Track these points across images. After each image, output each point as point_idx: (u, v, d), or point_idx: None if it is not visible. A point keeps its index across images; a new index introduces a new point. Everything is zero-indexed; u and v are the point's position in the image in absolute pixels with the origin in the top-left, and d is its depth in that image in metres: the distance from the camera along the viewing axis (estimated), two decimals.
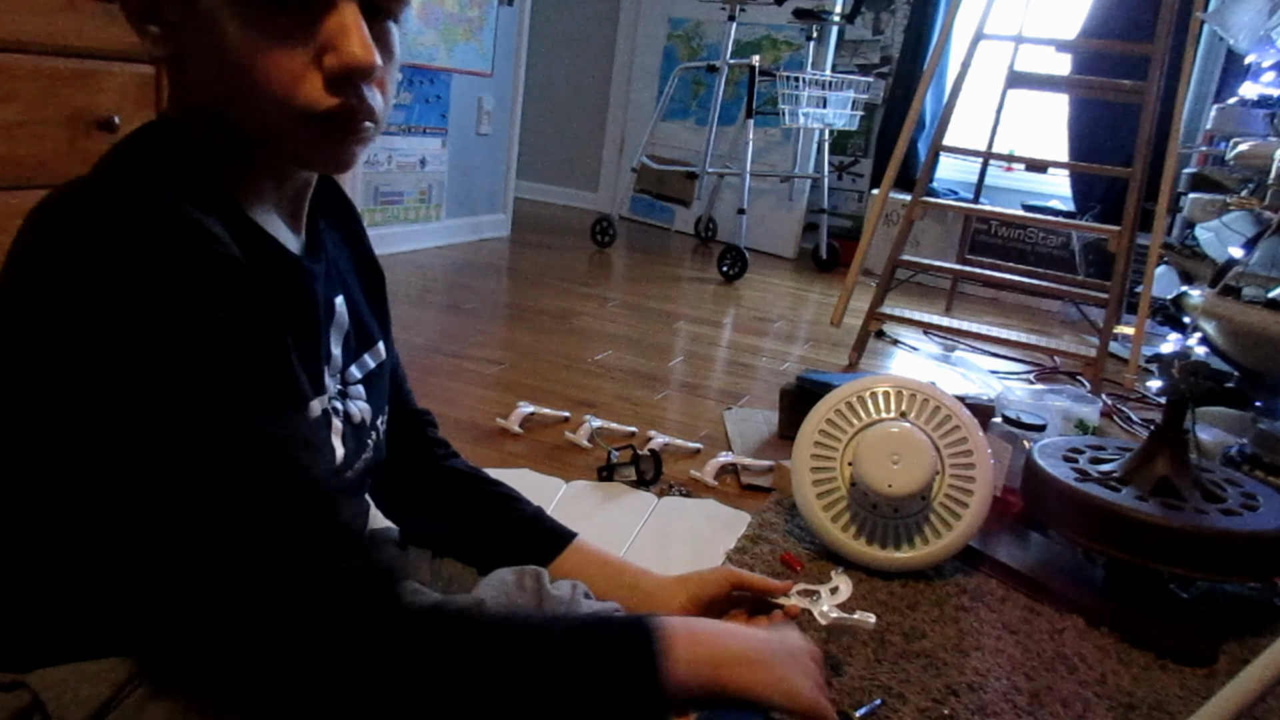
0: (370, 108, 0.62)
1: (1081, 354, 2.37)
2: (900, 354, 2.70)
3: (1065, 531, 1.33)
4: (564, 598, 0.69)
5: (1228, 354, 1.96)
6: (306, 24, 0.59)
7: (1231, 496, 1.29)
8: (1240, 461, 1.75)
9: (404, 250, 3.24)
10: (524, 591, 0.69)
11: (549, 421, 1.77)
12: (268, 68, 0.59)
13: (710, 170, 3.74)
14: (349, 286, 0.75)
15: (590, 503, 1.44)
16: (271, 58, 0.59)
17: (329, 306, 0.71)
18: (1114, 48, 2.69)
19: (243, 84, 0.60)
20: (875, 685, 1.04)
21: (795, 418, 1.50)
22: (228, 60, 0.59)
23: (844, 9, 3.93)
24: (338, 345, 0.71)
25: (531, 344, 2.32)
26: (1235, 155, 2.12)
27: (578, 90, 4.79)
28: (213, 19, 0.58)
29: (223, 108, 0.61)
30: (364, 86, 0.61)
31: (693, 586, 0.90)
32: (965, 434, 1.34)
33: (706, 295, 3.22)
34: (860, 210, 4.24)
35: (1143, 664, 1.15)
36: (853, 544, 1.31)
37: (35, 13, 1.47)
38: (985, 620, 1.22)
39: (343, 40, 0.59)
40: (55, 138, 1.54)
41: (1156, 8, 2.28)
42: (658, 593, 0.89)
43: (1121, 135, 3.05)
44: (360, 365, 0.74)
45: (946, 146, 2.51)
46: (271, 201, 0.66)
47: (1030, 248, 3.63)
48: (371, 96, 0.62)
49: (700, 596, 0.90)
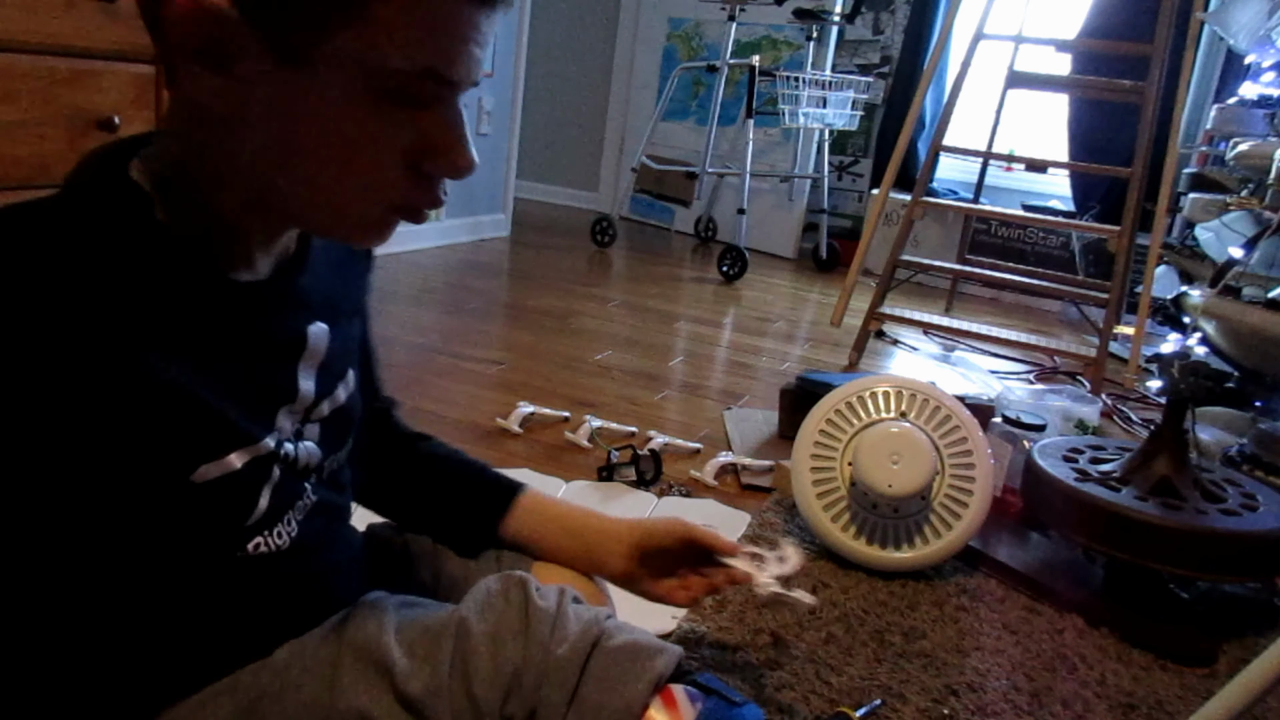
0: (444, 199, 0.59)
1: (1081, 354, 2.37)
2: (900, 354, 2.70)
3: (1065, 531, 1.33)
4: (550, 609, 0.68)
5: (1228, 354, 1.96)
6: (412, 115, 0.55)
7: (1231, 496, 1.29)
8: (1240, 461, 1.75)
9: (404, 250, 3.24)
10: (509, 604, 0.68)
11: (549, 421, 1.77)
12: (369, 158, 0.55)
13: (710, 170, 3.73)
14: (336, 302, 0.69)
15: (590, 503, 1.44)
16: (375, 148, 0.55)
17: (298, 338, 0.65)
18: (1114, 48, 2.69)
19: (334, 168, 0.55)
20: (875, 685, 1.05)
21: (795, 418, 1.50)
22: (326, 142, 0.54)
23: (844, 9, 3.93)
24: (309, 379, 0.66)
25: (531, 344, 2.32)
26: (1235, 155, 2.12)
27: (578, 90, 4.79)
28: (322, 97, 0.53)
29: (275, 179, 0.56)
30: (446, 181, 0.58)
31: (640, 534, 0.89)
32: (965, 434, 1.34)
33: (706, 295, 3.22)
34: (860, 210, 4.24)
35: (1143, 664, 1.15)
36: (853, 544, 1.31)
37: (35, 13, 1.47)
38: (985, 620, 1.22)
39: (454, 148, 0.56)
40: (55, 138, 1.54)
41: (1156, 8, 2.28)
42: (603, 540, 0.89)
43: (1121, 135, 3.05)
44: (331, 400, 0.69)
45: (946, 146, 2.51)
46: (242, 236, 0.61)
47: (1030, 248, 3.63)
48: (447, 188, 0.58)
49: (647, 545, 0.89)
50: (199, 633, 0.62)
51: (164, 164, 0.57)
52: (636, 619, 0.76)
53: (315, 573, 0.69)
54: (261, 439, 0.61)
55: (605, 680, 0.64)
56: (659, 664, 0.66)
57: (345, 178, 0.55)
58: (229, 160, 0.56)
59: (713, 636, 1.11)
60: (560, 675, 0.64)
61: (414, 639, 0.65)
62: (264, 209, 0.58)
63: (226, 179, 0.56)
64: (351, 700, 0.62)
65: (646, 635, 0.69)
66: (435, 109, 0.56)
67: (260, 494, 0.61)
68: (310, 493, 0.68)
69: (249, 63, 0.51)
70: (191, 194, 0.56)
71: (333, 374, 0.68)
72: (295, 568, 0.66)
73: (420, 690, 0.62)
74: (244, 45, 0.51)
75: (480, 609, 0.67)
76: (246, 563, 0.62)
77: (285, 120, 0.53)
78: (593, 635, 0.66)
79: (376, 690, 0.63)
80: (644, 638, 0.68)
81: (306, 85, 0.52)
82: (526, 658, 0.64)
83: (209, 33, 0.50)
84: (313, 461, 0.67)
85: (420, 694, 0.62)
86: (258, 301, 0.61)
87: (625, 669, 0.65)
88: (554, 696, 0.63)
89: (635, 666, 0.65)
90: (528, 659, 0.64)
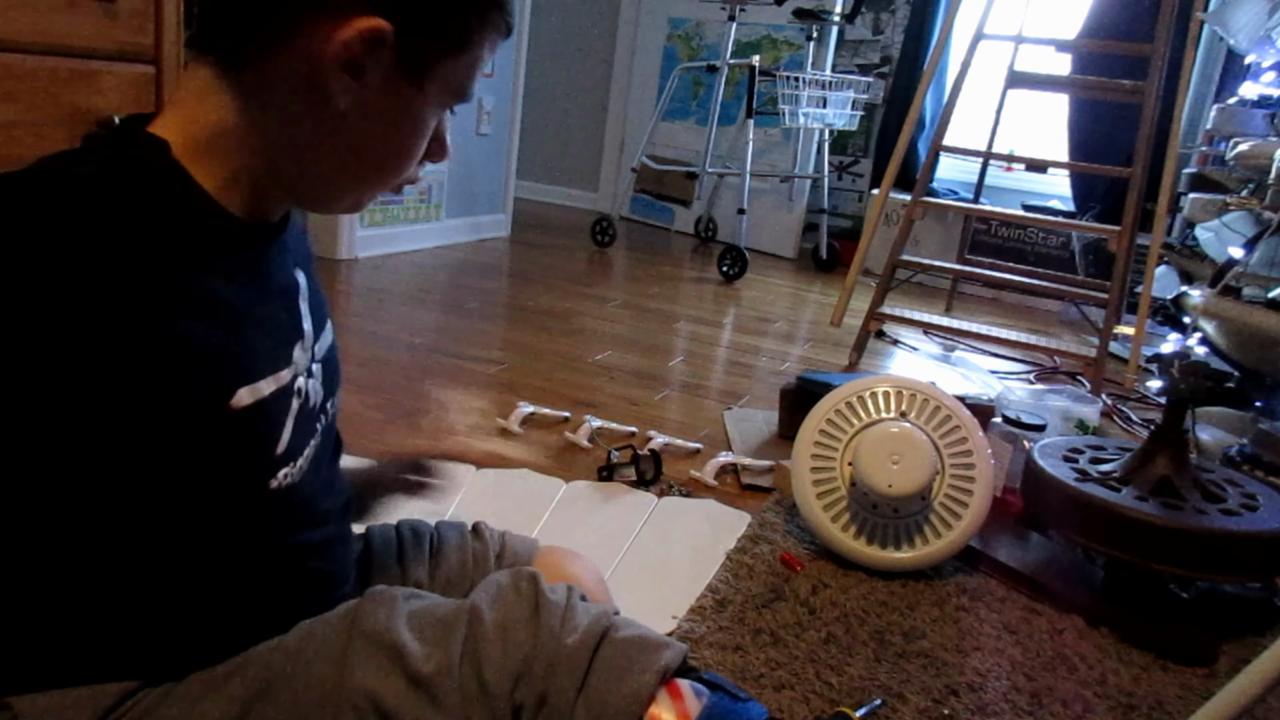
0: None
1: (1081, 354, 2.37)
2: (900, 354, 2.70)
3: (1065, 531, 1.33)
4: (560, 602, 0.69)
5: (1228, 354, 1.96)
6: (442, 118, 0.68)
7: (1231, 496, 1.29)
8: (1240, 461, 1.75)
9: (404, 250, 3.24)
10: (520, 596, 0.70)
11: (549, 421, 1.77)
12: (416, 152, 0.67)
13: (710, 170, 3.74)
14: (306, 259, 0.75)
15: (590, 503, 1.44)
16: (421, 145, 0.67)
17: (295, 281, 0.71)
18: (1114, 48, 2.69)
19: (389, 153, 0.66)
20: (875, 685, 1.05)
21: (795, 418, 1.50)
22: (400, 137, 0.65)
23: (844, 9, 3.93)
24: (308, 319, 0.71)
25: (531, 344, 2.32)
26: (1235, 155, 2.12)
27: (578, 90, 4.79)
28: (417, 105, 0.64)
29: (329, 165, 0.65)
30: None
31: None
32: (965, 434, 1.34)
33: (706, 295, 3.22)
34: (860, 210, 4.24)
35: (1143, 664, 1.15)
36: (853, 544, 1.31)
37: (35, 13, 1.47)
38: (985, 620, 1.22)
39: (445, 136, 0.69)
40: (55, 138, 1.54)
41: (1156, 8, 2.28)
42: None
43: (1121, 135, 3.04)
44: (321, 343, 0.74)
45: (946, 146, 2.51)
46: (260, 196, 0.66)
47: (1030, 248, 3.63)
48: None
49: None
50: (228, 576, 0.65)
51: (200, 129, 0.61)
52: (635, 618, 0.76)
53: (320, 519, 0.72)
54: (283, 369, 0.66)
55: (614, 670, 0.66)
56: (666, 657, 0.68)
57: (391, 171, 0.67)
58: (295, 144, 0.63)
59: (713, 637, 1.11)
60: (570, 664, 0.66)
61: (425, 625, 0.67)
62: (288, 181, 0.65)
63: (279, 156, 0.63)
64: (361, 681, 0.64)
65: (653, 631, 0.71)
66: (444, 117, 0.68)
67: (285, 423, 0.65)
68: (319, 434, 0.72)
69: (378, 75, 0.61)
70: (225, 158, 0.62)
71: (318, 319, 0.73)
72: (304, 511, 0.70)
73: (431, 671, 0.64)
74: (382, 61, 0.61)
75: (491, 599, 0.70)
76: (272, 499, 0.66)
77: (384, 122, 0.64)
78: (602, 626, 0.69)
79: (386, 672, 0.64)
80: (651, 633, 0.70)
81: (414, 97, 0.64)
82: (537, 646, 0.66)
83: (366, 50, 0.60)
84: (318, 400, 0.71)
85: (431, 675, 0.64)
86: (273, 243, 0.67)
87: (633, 660, 0.67)
88: (564, 684, 0.65)
89: (643, 658, 0.67)
90: (538, 647, 0.66)
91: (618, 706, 0.65)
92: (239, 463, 0.63)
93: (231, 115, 0.61)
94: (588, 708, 0.65)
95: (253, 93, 0.61)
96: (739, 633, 1.12)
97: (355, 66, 0.60)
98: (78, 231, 0.54)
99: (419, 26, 0.61)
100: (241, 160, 0.62)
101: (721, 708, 0.68)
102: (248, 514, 0.65)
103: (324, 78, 0.60)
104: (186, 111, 0.62)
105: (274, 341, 0.66)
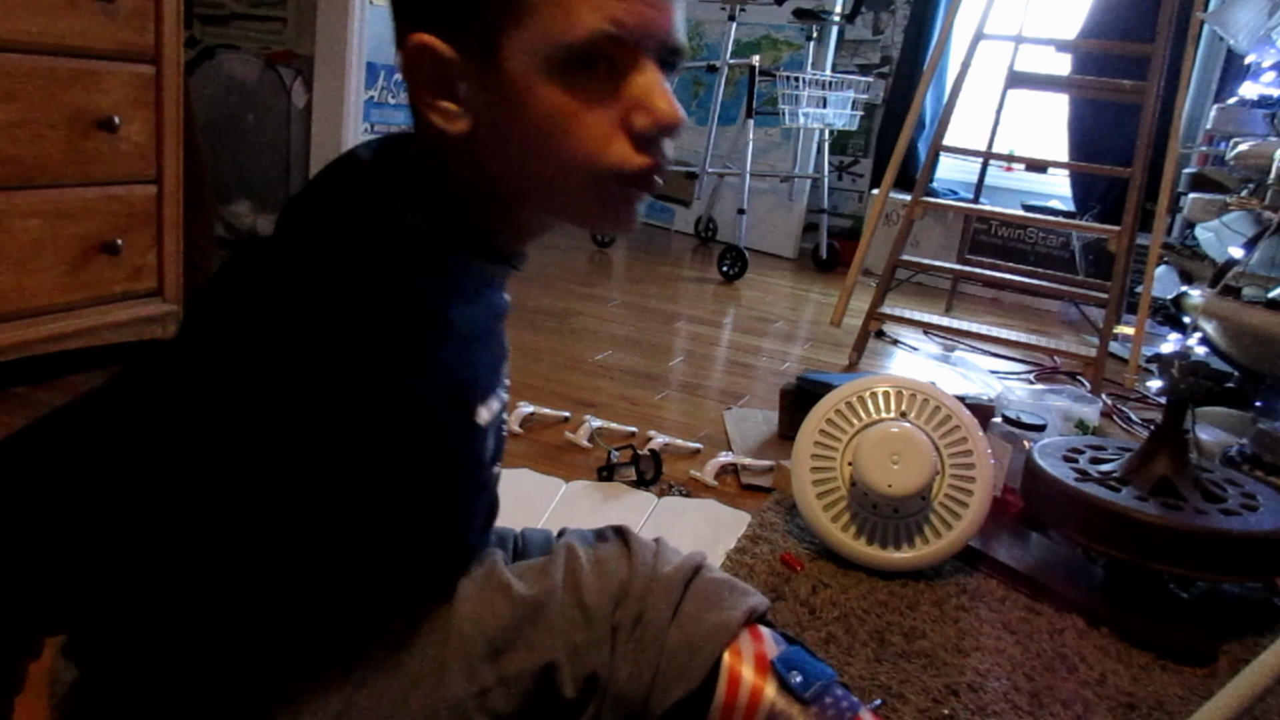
0: (667, 163, 0.65)
1: (1081, 354, 2.37)
2: (900, 354, 2.70)
3: (1065, 531, 1.33)
4: (649, 543, 0.75)
5: (1228, 354, 1.96)
6: (612, 85, 0.61)
7: (1231, 496, 1.29)
8: (1240, 461, 1.75)
9: None
10: (612, 537, 0.76)
11: (549, 421, 1.77)
12: (579, 130, 0.60)
13: (710, 170, 3.73)
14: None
15: (590, 503, 1.44)
16: (582, 120, 0.60)
17: (505, 301, 0.75)
18: (1114, 48, 2.69)
19: (552, 148, 0.61)
20: (875, 685, 1.04)
21: (795, 418, 1.50)
22: (536, 126, 0.61)
23: (844, 9, 3.93)
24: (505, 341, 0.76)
25: (531, 344, 2.32)
26: (1235, 155, 2.12)
27: None
28: (518, 88, 0.60)
29: (522, 174, 0.63)
30: (665, 142, 0.63)
31: None
32: (965, 434, 1.34)
33: (706, 295, 3.22)
34: (860, 210, 4.24)
35: (1143, 664, 1.15)
36: (853, 544, 1.31)
37: (35, 13, 1.47)
38: (985, 620, 1.22)
39: (653, 99, 0.61)
40: (55, 138, 1.54)
41: (1156, 8, 2.28)
42: None
43: (1121, 135, 3.04)
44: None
45: (946, 146, 2.50)
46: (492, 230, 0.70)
47: (1030, 248, 3.63)
48: (669, 151, 0.65)
49: None
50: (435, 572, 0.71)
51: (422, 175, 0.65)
52: None
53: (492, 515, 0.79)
54: (498, 388, 0.71)
55: (706, 600, 0.71)
56: (753, 599, 0.74)
57: (560, 153, 0.61)
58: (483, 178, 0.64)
59: None
60: (666, 587, 0.71)
61: (524, 570, 0.73)
62: (504, 205, 0.66)
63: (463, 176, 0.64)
64: (468, 612, 0.68)
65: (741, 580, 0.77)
66: (631, 75, 0.61)
67: (492, 438, 0.71)
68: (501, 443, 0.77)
69: (465, 83, 0.61)
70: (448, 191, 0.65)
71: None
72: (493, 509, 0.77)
73: (535, 593, 0.69)
74: (456, 68, 0.60)
75: (584, 539, 0.76)
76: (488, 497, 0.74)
77: (499, 118, 0.61)
78: (695, 562, 0.74)
79: (491, 600, 0.69)
80: (739, 581, 0.76)
81: (503, 82, 0.60)
82: (632, 572, 0.71)
83: (428, 65, 0.60)
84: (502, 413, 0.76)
85: (535, 596, 0.69)
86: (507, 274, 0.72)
87: (725, 596, 0.73)
88: (660, 605, 0.70)
89: (733, 596, 0.73)
90: (633, 573, 0.71)
91: (706, 634, 0.69)
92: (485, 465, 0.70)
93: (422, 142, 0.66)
94: (680, 629, 0.69)
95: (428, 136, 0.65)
96: None
97: (440, 85, 0.61)
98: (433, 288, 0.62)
99: (452, 19, 0.60)
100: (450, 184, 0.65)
101: (798, 657, 0.72)
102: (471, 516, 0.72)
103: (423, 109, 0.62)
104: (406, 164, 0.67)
105: (499, 364, 0.72)
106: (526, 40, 0.59)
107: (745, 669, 0.70)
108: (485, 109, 0.61)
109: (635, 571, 0.71)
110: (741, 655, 0.70)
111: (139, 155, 1.67)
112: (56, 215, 1.56)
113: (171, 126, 1.72)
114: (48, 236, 1.55)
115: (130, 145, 1.65)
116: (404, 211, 0.62)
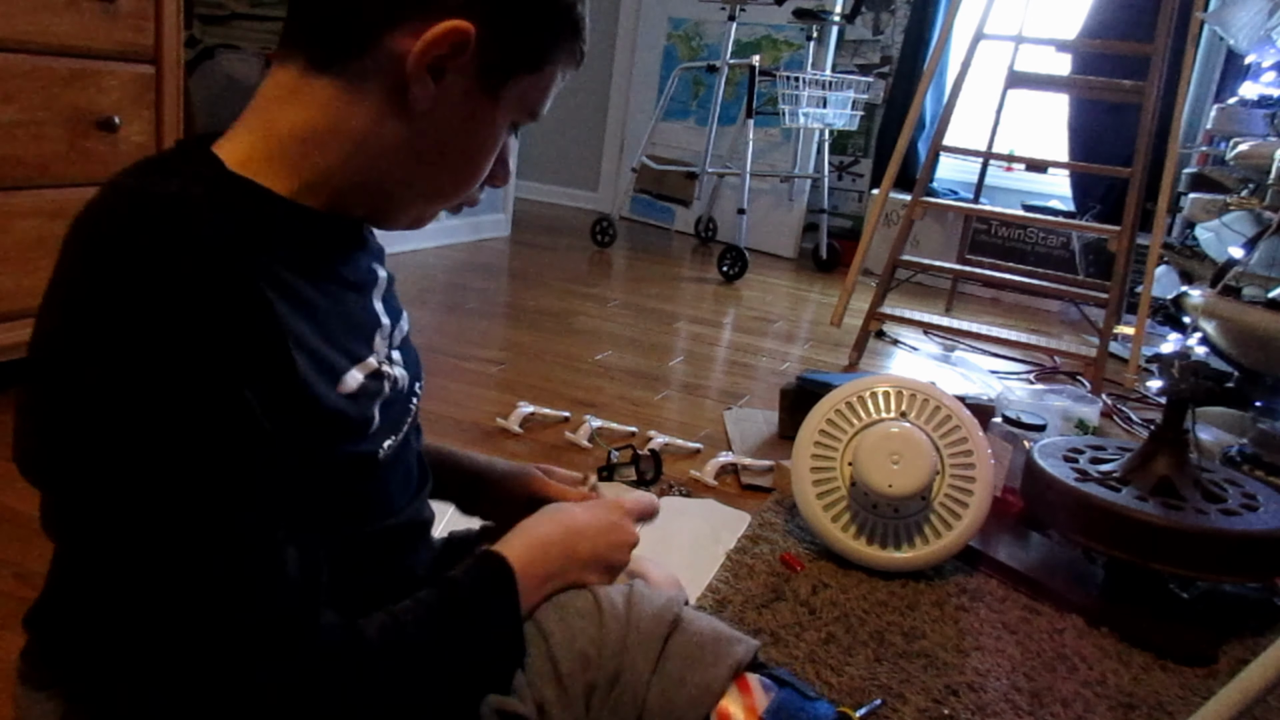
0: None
1: (1081, 354, 2.37)
2: (900, 354, 2.70)
3: (1065, 531, 1.33)
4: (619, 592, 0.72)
5: (1228, 354, 1.96)
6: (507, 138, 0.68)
7: (1231, 496, 1.29)
8: (1240, 461, 1.75)
9: (404, 250, 3.24)
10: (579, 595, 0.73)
11: (549, 421, 1.77)
12: (483, 168, 0.67)
13: (710, 170, 3.73)
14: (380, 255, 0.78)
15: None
16: (488, 162, 0.67)
17: (373, 274, 0.73)
18: (1114, 48, 2.69)
19: (463, 171, 0.67)
20: (875, 685, 1.05)
21: (795, 418, 1.50)
22: (471, 150, 0.66)
23: (844, 9, 3.93)
24: (385, 312, 0.73)
25: (531, 344, 2.32)
26: (1235, 155, 2.12)
27: (578, 90, 4.78)
28: (491, 119, 0.65)
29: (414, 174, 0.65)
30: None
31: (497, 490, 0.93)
32: (965, 434, 1.34)
33: (706, 295, 3.22)
34: (860, 210, 4.24)
35: (1143, 664, 1.15)
36: (853, 544, 1.31)
37: (35, 13, 1.47)
38: (985, 620, 1.22)
39: (509, 162, 0.71)
40: (55, 138, 1.54)
41: (1156, 8, 2.28)
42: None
43: (1121, 135, 3.04)
44: (398, 330, 0.75)
45: (946, 146, 2.51)
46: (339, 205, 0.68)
47: (1030, 248, 3.63)
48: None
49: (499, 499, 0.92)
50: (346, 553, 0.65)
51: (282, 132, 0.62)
52: None
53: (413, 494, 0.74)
54: (368, 357, 0.67)
55: (687, 660, 0.68)
56: (739, 651, 0.70)
57: (460, 184, 0.68)
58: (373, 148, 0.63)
59: None
60: (644, 646, 0.68)
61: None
62: (361, 189, 0.65)
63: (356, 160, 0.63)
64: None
65: (725, 625, 0.73)
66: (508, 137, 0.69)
67: (374, 409, 0.65)
68: (412, 418, 0.73)
69: (458, 81, 0.62)
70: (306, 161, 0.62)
71: (394, 309, 0.75)
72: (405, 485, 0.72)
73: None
74: (463, 67, 0.62)
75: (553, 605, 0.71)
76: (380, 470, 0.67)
77: (459, 131, 0.64)
78: (672, 612, 0.71)
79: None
80: (724, 626, 0.72)
81: (489, 110, 0.65)
82: (603, 629, 0.68)
83: (450, 53, 0.60)
84: (404, 384, 0.72)
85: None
86: (353, 239, 0.69)
87: (708, 651, 0.69)
88: (638, 663, 0.67)
89: (717, 650, 0.69)
90: (604, 629, 0.68)
91: (690, 697, 0.67)
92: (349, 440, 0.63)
93: (316, 115, 0.62)
94: (662, 693, 0.67)
95: (338, 93, 0.62)
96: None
97: (437, 69, 0.61)
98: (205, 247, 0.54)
99: (501, 37, 0.62)
100: (325, 161, 0.62)
101: (790, 704, 0.70)
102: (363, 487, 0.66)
103: (407, 78, 0.61)
104: (265, 117, 0.62)
105: (358, 332, 0.67)
106: (522, 91, 0.65)
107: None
108: (445, 113, 0.63)
109: (606, 626, 0.68)
110: (730, 715, 0.68)
111: (139, 155, 1.66)
112: (56, 215, 1.56)
113: (171, 126, 1.72)
114: (48, 236, 1.55)
115: (130, 145, 1.65)
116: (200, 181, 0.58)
